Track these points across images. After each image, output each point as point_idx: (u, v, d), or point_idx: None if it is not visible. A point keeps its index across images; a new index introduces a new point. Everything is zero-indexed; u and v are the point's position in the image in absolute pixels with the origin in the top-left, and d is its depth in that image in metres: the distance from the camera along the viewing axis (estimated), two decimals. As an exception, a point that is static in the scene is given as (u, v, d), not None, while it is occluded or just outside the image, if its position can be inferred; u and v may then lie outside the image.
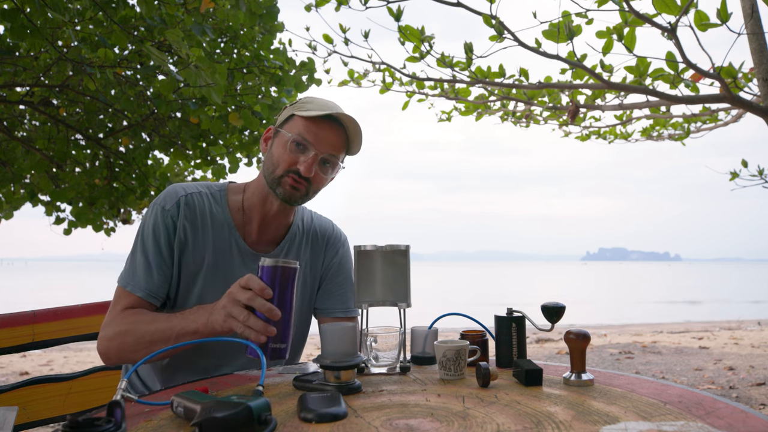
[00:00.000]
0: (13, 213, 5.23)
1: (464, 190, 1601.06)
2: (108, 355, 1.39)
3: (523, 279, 47.72)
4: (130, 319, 1.38)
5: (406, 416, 0.96)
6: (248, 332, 1.16)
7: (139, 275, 1.43)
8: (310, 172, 1.43)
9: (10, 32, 2.83)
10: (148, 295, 1.42)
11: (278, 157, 1.45)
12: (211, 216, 1.50)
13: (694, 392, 1.08)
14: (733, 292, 29.36)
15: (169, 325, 1.31)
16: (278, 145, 1.47)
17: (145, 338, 1.33)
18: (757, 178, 3.85)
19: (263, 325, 1.15)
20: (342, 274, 1.67)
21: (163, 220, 1.45)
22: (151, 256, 1.43)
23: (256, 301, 1.16)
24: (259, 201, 1.52)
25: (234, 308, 1.18)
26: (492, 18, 2.64)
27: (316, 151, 1.43)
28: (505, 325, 1.32)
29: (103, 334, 1.40)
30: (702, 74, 2.62)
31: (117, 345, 1.37)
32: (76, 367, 6.57)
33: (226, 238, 1.50)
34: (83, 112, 4.50)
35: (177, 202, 1.48)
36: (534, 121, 4.66)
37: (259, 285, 1.16)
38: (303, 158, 1.43)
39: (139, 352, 1.33)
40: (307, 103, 1.48)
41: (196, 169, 5.30)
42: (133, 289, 1.42)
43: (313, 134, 1.43)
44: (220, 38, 4.23)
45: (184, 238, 1.46)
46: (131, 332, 1.35)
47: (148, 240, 1.45)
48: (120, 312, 1.40)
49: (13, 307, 1.93)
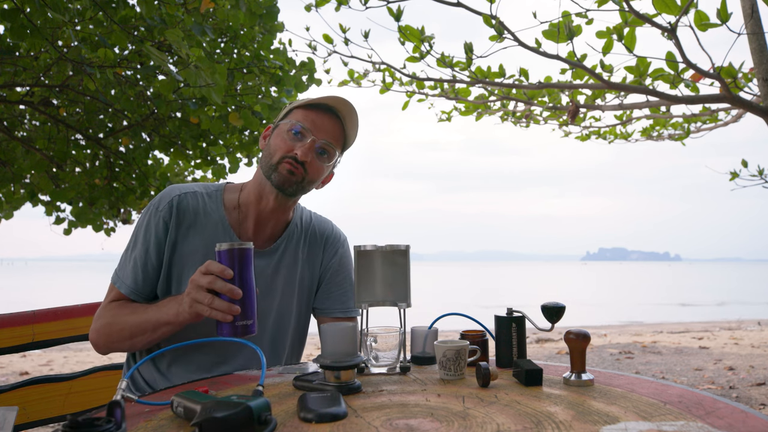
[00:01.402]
0: (13, 213, 5.23)
1: (464, 190, 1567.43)
2: (98, 344, 1.46)
3: (523, 279, 47.72)
4: (113, 312, 1.44)
5: (406, 416, 0.96)
6: (214, 313, 1.21)
7: (126, 273, 1.49)
8: (307, 156, 1.45)
9: (10, 32, 2.83)
10: (132, 292, 1.47)
11: (275, 146, 1.49)
12: (204, 215, 1.51)
13: (694, 392, 1.08)
14: (733, 292, 29.36)
15: (146, 317, 1.37)
16: (276, 135, 1.51)
17: (126, 330, 1.39)
18: (757, 178, 3.85)
19: (227, 306, 1.20)
20: (341, 274, 1.67)
21: (155, 221, 1.48)
22: (137, 255, 1.48)
23: (217, 283, 1.20)
24: (255, 197, 1.52)
25: (198, 293, 1.22)
26: (492, 18, 2.64)
27: (313, 137, 1.47)
28: (505, 325, 1.32)
29: (93, 326, 1.47)
30: (702, 74, 2.62)
31: (105, 336, 1.43)
32: (76, 367, 6.57)
33: (220, 237, 1.51)
34: (83, 112, 4.50)
35: (170, 202, 1.50)
36: (534, 121, 4.66)
37: (219, 267, 1.21)
38: (300, 144, 1.47)
39: (124, 342, 1.41)
40: (306, 98, 1.54)
41: (196, 169, 5.29)
42: (120, 286, 1.48)
43: (310, 121, 1.48)
44: (220, 38, 4.23)
45: (175, 238, 1.48)
46: (114, 323, 1.42)
47: (138, 239, 1.50)
48: (107, 305, 1.48)
49: (13, 307, 1.93)
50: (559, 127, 4.82)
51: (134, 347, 1.43)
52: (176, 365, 1.51)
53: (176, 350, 1.50)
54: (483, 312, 1.71)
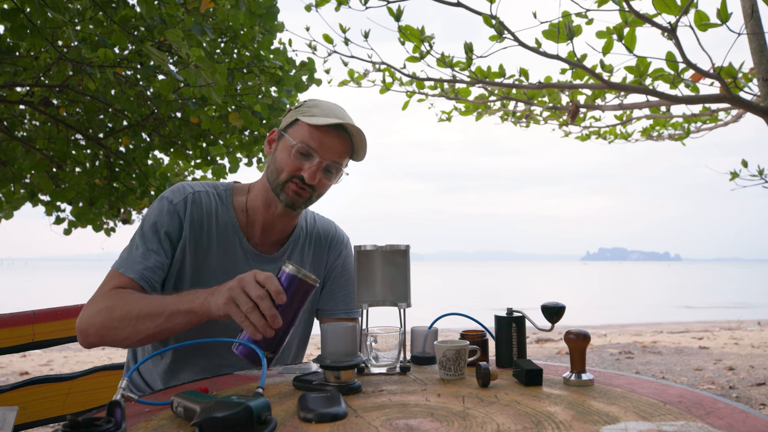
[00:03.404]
0: (13, 213, 5.23)
1: (464, 190, 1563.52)
2: (87, 332, 1.33)
3: (523, 279, 47.71)
4: (120, 296, 1.33)
5: (406, 416, 0.96)
6: (246, 324, 1.13)
7: (134, 258, 1.40)
8: (314, 179, 1.43)
9: (10, 32, 2.84)
10: (141, 277, 1.38)
11: (282, 163, 1.45)
12: (216, 216, 1.51)
13: (694, 392, 1.08)
14: (733, 292, 29.35)
15: (162, 303, 1.28)
16: (282, 149, 1.46)
17: (133, 313, 1.28)
18: (757, 178, 3.85)
19: (263, 325, 1.13)
20: (345, 275, 1.67)
21: (168, 212, 1.45)
22: (149, 243, 1.42)
23: (264, 302, 1.12)
24: (263, 204, 1.52)
25: (240, 296, 1.14)
26: (492, 18, 2.64)
27: (320, 158, 1.43)
28: (505, 325, 1.32)
29: (86, 312, 1.34)
30: (702, 74, 2.62)
31: (100, 321, 1.30)
32: (76, 367, 6.57)
33: (230, 239, 1.51)
34: (83, 112, 4.50)
35: (185, 198, 1.48)
36: (534, 121, 4.66)
37: (276, 288, 1.13)
38: (307, 165, 1.43)
39: (125, 329, 1.28)
40: (313, 108, 1.47)
41: (196, 169, 5.30)
42: (126, 270, 1.38)
43: (317, 141, 1.43)
44: (220, 38, 4.23)
45: (189, 235, 1.46)
46: (119, 307, 1.30)
47: (149, 229, 1.44)
48: (109, 290, 1.36)
49: (13, 307, 1.93)
50: (559, 127, 4.82)
51: (133, 336, 1.29)
52: (178, 368, 1.50)
53: (177, 354, 1.49)
54: (483, 312, 1.71)
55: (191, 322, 1.27)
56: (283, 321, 1.14)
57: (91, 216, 4.98)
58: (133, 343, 1.32)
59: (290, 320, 1.17)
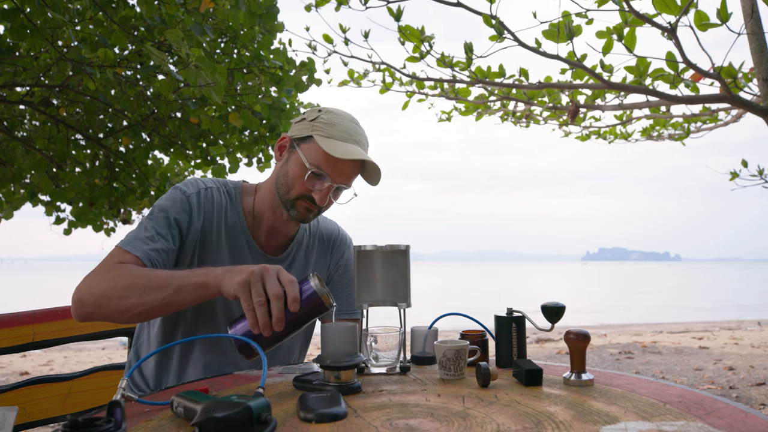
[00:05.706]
0: (13, 213, 5.23)
1: (464, 190, 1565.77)
2: (84, 301, 1.27)
3: (523, 279, 47.71)
4: (126, 268, 1.29)
5: (406, 416, 0.96)
6: (251, 314, 1.12)
7: (141, 238, 1.37)
8: (324, 202, 1.44)
9: (10, 32, 2.83)
10: (147, 257, 1.34)
11: (293, 179, 1.45)
12: (225, 214, 1.52)
13: (694, 392, 1.08)
14: (733, 292, 29.34)
15: (172, 275, 1.25)
16: (295, 165, 1.45)
17: (140, 283, 1.23)
18: (757, 178, 3.85)
19: (267, 323, 1.12)
20: (347, 276, 1.68)
21: (181, 201, 1.46)
22: (158, 228, 1.40)
23: (278, 303, 1.12)
24: (270, 209, 1.53)
25: (258, 285, 1.12)
26: (492, 18, 2.64)
27: (332, 182, 1.44)
28: (505, 325, 1.32)
29: (85, 283, 1.30)
30: (702, 74, 2.62)
31: (102, 291, 1.26)
32: (76, 367, 6.57)
33: (238, 238, 1.52)
34: (83, 112, 4.50)
35: (198, 192, 1.49)
36: (534, 121, 4.66)
37: (295, 295, 1.13)
38: (318, 186, 1.44)
39: (129, 299, 1.23)
40: (329, 126, 1.44)
41: (196, 169, 5.30)
42: (131, 249, 1.34)
43: (331, 167, 1.42)
44: (220, 38, 4.23)
45: (200, 228, 1.47)
46: (124, 276, 1.26)
47: (159, 214, 1.43)
48: (112, 263, 1.32)
49: (13, 307, 1.93)
50: (559, 127, 4.82)
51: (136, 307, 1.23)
52: (180, 366, 1.50)
53: (181, 352, 1.49)
54: (483, 312, 1.71)
55: (200, 297, 1.23)
56: (285, 328, 1.14)
57: (91, 216, 4.98)
58: (132, 316, 1.26)
59: (291, 330, 1.16)
